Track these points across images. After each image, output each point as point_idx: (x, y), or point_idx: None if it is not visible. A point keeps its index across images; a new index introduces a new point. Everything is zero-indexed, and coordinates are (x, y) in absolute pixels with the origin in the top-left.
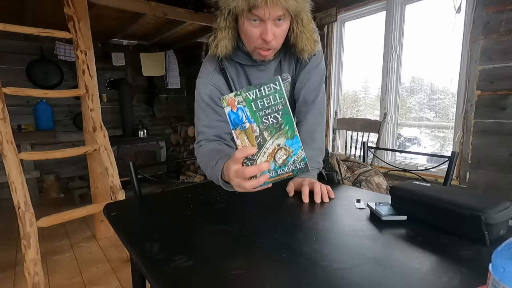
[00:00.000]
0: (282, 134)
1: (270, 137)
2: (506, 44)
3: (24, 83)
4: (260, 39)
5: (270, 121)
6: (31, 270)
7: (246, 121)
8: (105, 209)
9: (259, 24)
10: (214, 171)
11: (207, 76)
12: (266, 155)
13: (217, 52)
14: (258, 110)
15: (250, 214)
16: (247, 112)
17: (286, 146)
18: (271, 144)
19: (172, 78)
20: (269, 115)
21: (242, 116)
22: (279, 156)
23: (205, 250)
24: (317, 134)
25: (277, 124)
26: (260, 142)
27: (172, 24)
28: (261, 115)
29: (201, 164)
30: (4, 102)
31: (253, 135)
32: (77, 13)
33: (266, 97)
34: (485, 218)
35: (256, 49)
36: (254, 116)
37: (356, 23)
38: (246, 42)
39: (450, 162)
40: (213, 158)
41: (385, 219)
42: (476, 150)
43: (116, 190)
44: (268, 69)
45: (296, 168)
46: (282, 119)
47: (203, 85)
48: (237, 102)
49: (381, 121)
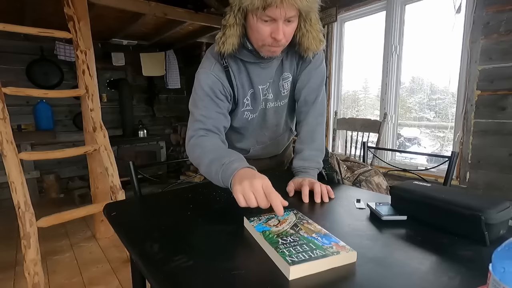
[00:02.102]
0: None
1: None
2: (506, 44)
3: (24, 83)
4: (270, 38)
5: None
6: (31, 270)
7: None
8: (105, 209)
9: (270, 23)
10: (227, 167)
11: (210, 67)
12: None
13: (224, 49)
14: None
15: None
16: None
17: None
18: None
19: (172, 78)
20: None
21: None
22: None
23: (205, 250)
24: (317, 134)
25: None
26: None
27: (172, 24)
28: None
29: (202, 152)
30: (4, 102)
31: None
32: (77, 13)
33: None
34: (485, 218)
35: (265, 46)
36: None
37: (356, 23)
38: (254, 40)
39: (450, 162)
40: (228, 155)
41: (385, 219)
42: (476, 150)
43: (116, 190)
44: (270, 67)
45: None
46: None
47: (205, 75)
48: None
49: (381, 121)
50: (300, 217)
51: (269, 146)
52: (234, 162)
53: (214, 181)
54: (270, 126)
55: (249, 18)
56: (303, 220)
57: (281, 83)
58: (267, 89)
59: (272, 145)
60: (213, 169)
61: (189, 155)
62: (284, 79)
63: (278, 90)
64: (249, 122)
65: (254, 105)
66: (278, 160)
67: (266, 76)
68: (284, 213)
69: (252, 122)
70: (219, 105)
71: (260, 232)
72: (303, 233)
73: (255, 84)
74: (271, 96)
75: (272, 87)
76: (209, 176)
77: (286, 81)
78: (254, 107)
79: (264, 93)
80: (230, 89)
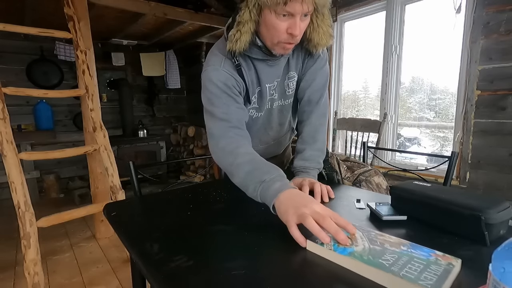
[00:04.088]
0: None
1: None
2: (506, 44)
3: (24, 83)
4: (286, 34)
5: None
6: (31, 270)
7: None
8: (105, 209)
9: (288, 18)
10: (267, 186)
11: (220, 64)
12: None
13: (236, 47)
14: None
15: (250, 214)
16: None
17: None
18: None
19: (172, 78)
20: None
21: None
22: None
23: (205, 250)
24: (319, 135)
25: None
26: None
27: (172, 24)
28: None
29: (238, 162)
30: (4, 102)
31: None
32: (77, 13)
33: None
34: (485, 218)
35: (280, 43)
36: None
37: (356, 23)
38: (268, 36)
39: (450, 162)
40: (267, 168)
41: (385, 219)
42: (476, 150)
43: (116, 190)
44: (278, 65)
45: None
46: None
47: (216, 72)
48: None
49: (381, 121)
50: (361, 228)
51: (271, 146)
52: (276, 181)
53: (250, 196)
54: (274, 126)
55: (266, 14)
56: (370, 232)
57: (286, 82)
58: (274, 89)
59: (275, 145)
60: (250, 185)
61: (217, 159)
62: (289, 78)
63: (283, 89)
64: (254, 121)
65: (260, 103)
66: (278, 160)
67: (274, 74)
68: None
69: (257, 121)
70: (237, 100)
71: (348, 255)
72: (391, 247)
73: (262, 82)
74: (276, 95)
75: (278, 86)
76: (245, 190)
77: (292, 80)
78: (260, 106)
79: (271, 92)
80: (244, 84)
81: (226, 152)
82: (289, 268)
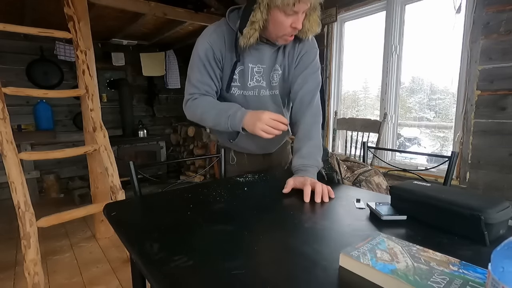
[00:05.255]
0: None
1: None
2: (506, 44)
3: (24, 83)
4: (290, 28)
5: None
6: (31, 270)
7: None
8: (105, 209)
9: (292, 15)
10: (234, 117)
11: (207, 35)
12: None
13: (248, 42)
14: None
15: (250, 214)
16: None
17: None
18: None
19: (172, 78)
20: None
21: None
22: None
23: (205, 250)
24: (313, 132)
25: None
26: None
27: (172, 24)
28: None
29: (204, 110)
30: (4, 102)
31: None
32: (77, 13)
33: None
34: (485, 218)
35: (284, 36)
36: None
37: (356, 23)
38: (274, 31)
39: (450, 162)
40: (229, 107)
41: (385, 219)
42: (476, 150)
43: (116, 190)
44: (263, 50)
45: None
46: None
47: (201, 44)
48: None
49: (381, 121)
50: (401, 243)
51: (263, 140)
52: (237, 112)
53: (223, 129)
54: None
55: (274, 13)
56: (412, 247)
57: (272, 74)
58: (261, 75)
59: (267, 140)
60: (222, 121)
61: (189, 115)
62: (275, 70)
63: (269, 79)
64: (237, 100)
65: (243, 82)
66: (273, 160)
67: (258, 58)
68: (378, 239)
69: (240, 101)
70: (212, 71)
71: (390, 274)
72: (439, 267)
73: (245, 61)
74: (264, 83)
75: (264, 75)
76: (218, 127)
77: (276, 73)
78: (242, 85)
79: (255, 75)
80: (220, 56)
81: (193, 109)
82: (289, 268)
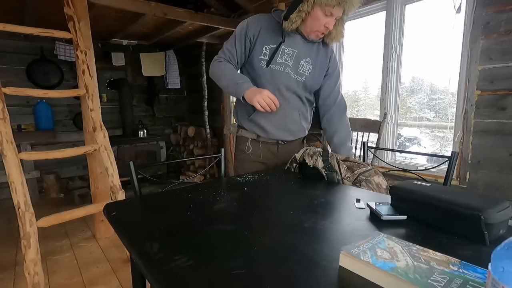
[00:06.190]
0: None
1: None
2: (506, 44)
3: (24, 83)
4: (323, 26)
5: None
6: (31, 270)
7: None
8: (105, 209)
9: (328, 17)
10: (239, 86)
11: (248, 19)
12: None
13: (291, 26)
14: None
15: (250, 214)
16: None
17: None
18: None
19: (172, 78)
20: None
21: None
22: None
23: (205, 250)
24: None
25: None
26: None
27: (172, 24)
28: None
29: (222, 73)
30: (4, 102)
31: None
32: (77, 13)
33: None
34: (485, 217)
35: (316, 31)
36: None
37: (356, 23)
38: (310, 25)
39: (450, 162)
40: (240, 78)
41: (385, 219)
42: (476, 150)
43: (116, 190)
44: (296, 40)
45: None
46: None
47: (241, 23)
48: None
49: (381, 121)
50: (401, 243)
51: (277, 115)
52: (245, 83)
53: (230, 92)
54: (283, 90)
55: (316, 10)
56: (412, 247)
57: (301, 63)
58: (290, 57)
59: (280, 116)
60: (231, 85)
61: (211, 72)
62: (306, 61)
63: (297, 65)
64: (264, 72)
65: (271, 57)
66: (286, 153)
67: (291, 43)
68: (378, 238)
69: (266, 74)
70: (240, 45)
71: (390, 271)
72: (439, 266)
73: (280, 44)
74: (291, 63)
75: (295, 58)
76: (226, 89)
77: (306, 64)
78: (270, 59)
79: (283, 55)
80: (252, 36)
81: (215, 69)
82: (289, 268)
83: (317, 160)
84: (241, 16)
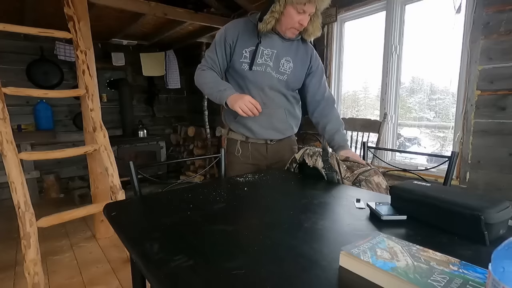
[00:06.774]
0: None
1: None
2: (506, 44)
3: (24, 83)
4: (297, 24)
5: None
6: (31, 270)
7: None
8: (105, 209)
9: (301, 14)
10: (222, 93)
11: (226, 25)
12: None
13: (266, 28)
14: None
15: (250, 214)
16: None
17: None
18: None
19: (172, 78)
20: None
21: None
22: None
23: (205, 250)
24: (336, 119)
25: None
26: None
27: (172, 24)
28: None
29: (205, 81)
30: (4, 102)
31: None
32: (77, 13)
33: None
34: (485, 217)
35: (292, 28)
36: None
37: (356, 23)
38: (285, 24)
39: (450, 162)
40: (223, 85)
41: (385, 219)
42: (476, 150)
43: (116, 190)
44: (274, 40)
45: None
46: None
47: (220, 30)
48: None
49: (381, 121)
50: (401, 243)
51: (263, 114)
52: (227, 90)
53: (213, 99)
54: (267, 90)
55: (288, 9)
56: (412, 247)
57: (282, 62)
58: (270, 56)
59: (266, 115)
60: (214, 92)
61: (195, 80)
62: (286, 60)
63: (278, 64)
64: (246, 74)
65: (252, 59)
66: (275, 153)
67: (269, 44)
68: (378, 238)
69: (252, 74)
70: (220, 52)
71: (390, 271)
72: (439, 266)
73: (258, 45)
74: (272, 64)
75: (274, 59)
76: (210, 96)
77: (287, 63)
78: (251, 62)
79: (263, 56)
80: (231, 41)
81: (199, 77)
82: (289, 268)
83: (317, 160)
84: (241, 16)
